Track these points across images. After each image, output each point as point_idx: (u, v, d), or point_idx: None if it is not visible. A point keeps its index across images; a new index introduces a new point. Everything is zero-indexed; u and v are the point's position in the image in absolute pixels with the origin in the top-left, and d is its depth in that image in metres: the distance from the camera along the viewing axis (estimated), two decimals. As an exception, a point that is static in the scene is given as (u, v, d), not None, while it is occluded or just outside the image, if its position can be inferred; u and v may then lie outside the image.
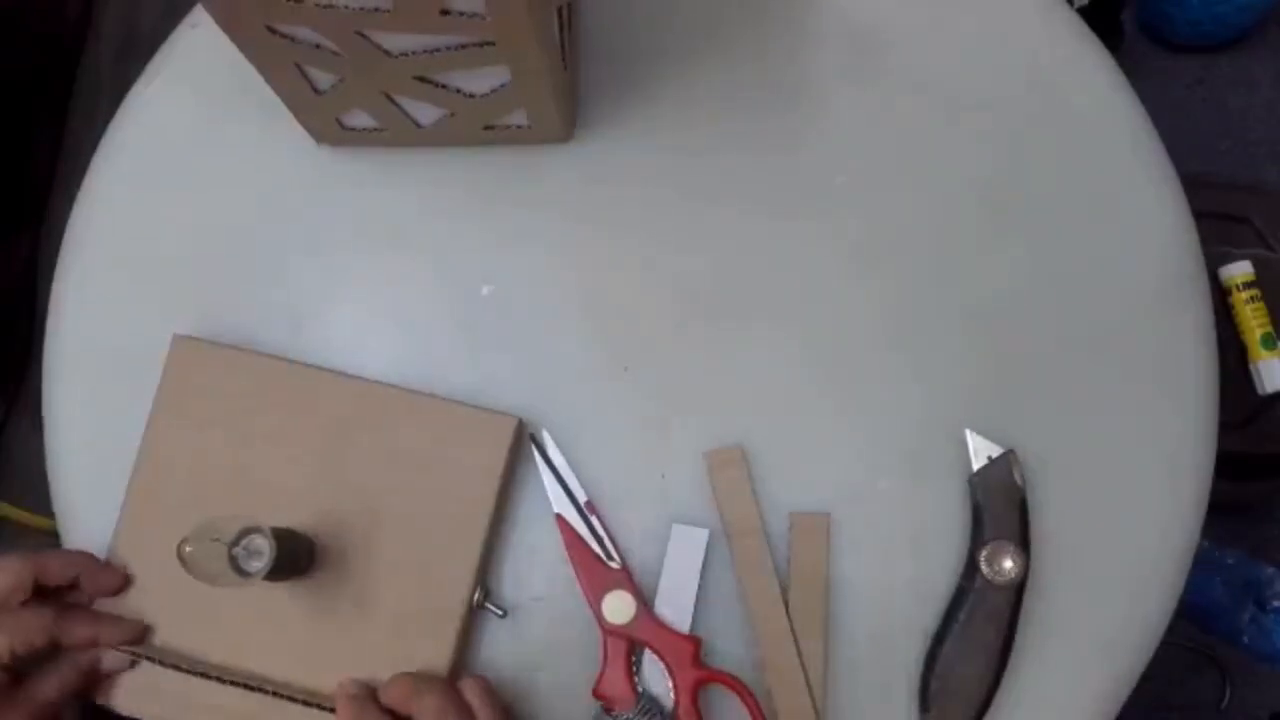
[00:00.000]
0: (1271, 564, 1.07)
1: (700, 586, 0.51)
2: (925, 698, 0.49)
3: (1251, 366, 0.92)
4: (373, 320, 0.57)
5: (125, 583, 0.51)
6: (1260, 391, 0.92)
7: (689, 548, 0.51)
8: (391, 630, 0.50)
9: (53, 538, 0.58)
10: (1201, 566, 1.04)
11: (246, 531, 0.45)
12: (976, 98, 0.58)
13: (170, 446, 0.53)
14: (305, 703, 0.49)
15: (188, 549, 0.44)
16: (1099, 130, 0.57)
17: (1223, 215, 0.95)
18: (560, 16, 0.51)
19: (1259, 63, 1.26)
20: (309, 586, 0.51)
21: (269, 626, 0.51)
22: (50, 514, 0.57)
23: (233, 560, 0.45)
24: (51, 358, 0.59)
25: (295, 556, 0.49)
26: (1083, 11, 0.65)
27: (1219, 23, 1.20)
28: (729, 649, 0.51)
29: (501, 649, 0.52)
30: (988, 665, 0.49)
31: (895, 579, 0.52)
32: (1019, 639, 0.50)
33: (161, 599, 0.52)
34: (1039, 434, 0.53)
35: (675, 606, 0.51)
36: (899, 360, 0.54)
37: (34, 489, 0.64)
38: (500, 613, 0.52)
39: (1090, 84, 0.58)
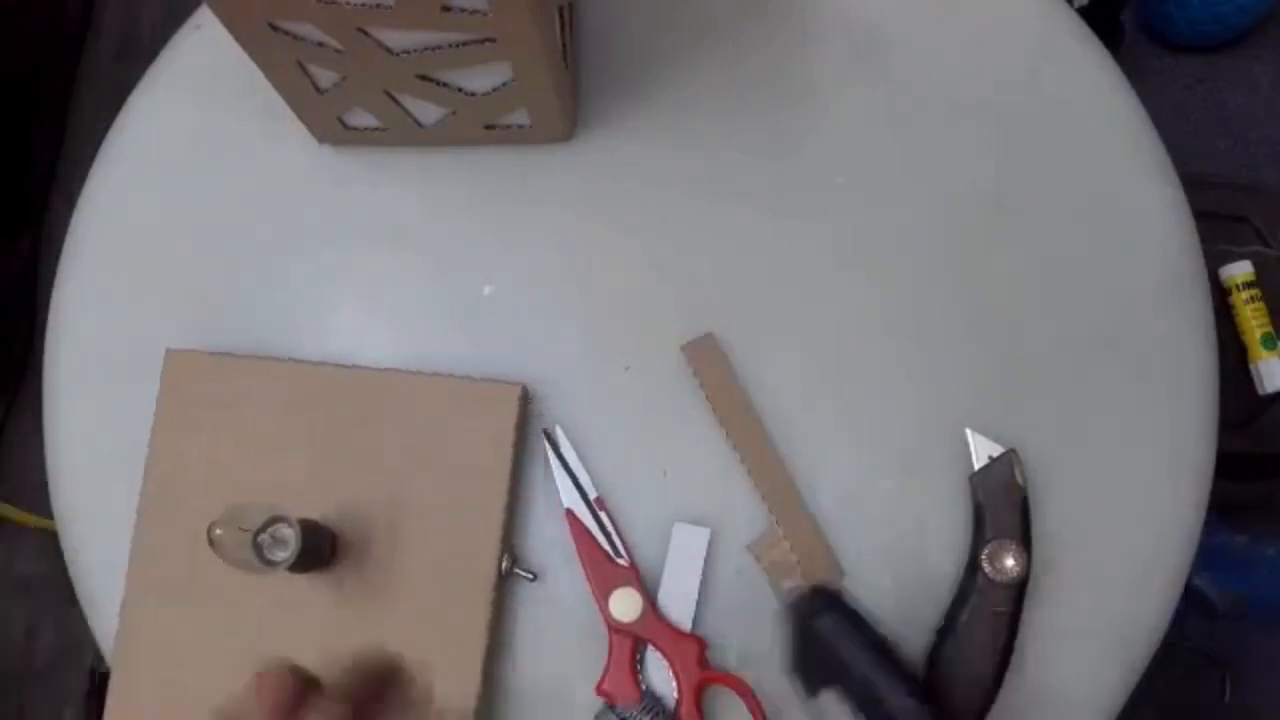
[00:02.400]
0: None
1: (702, 585, 0.51)
2: (927, 696, 0.49)
3: (1251, 366, 0.92)
4: (374, 320, 0.57)
5: None
6: (1260, 391, 0.92)
7: (691, 547, 0.51)
8: (425, 611, 0.50)
9: (53, 538, 0.58)
10: (1247, 565, 1.04)
11: (273, 521, 0.45)
12: (977, 97, 0.58)
13: (177, 458, 0.53)
14: None
15: (217, 532, 0.44)
16: (1099, 130, 0.57)
17: (1223, 215, 0.94)
18: (561, 16, 0.51)
19: (1259, 63, 1.26)
20: (334, 578, 0.51)
21: (299, 623, 0.51)
22: (50, 514, 0.57)
23: (257, 548, 0.45)
24: (51, 358, 0.59)
25: (319, 548, 0.49)
26: (1083, 11, 0.65)
27: (1219, 23, 1.20)
28: (732, 648, 0.51)
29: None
30: (990, 664, 0.49)
31: (896, 578, 0.52)
32: (1020, 638, 0.50)
33: (184, 611, 0.51)
34: (1040, 434, 0.53)
35: (677, 605, 0.51)
36: (900, 359, 0.54)
37: (34, 489, 0.64)
38: (531, 576, 0.52)
39: (1090, 84, 0.58)
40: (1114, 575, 0.52)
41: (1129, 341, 0.55)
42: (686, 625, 0.51)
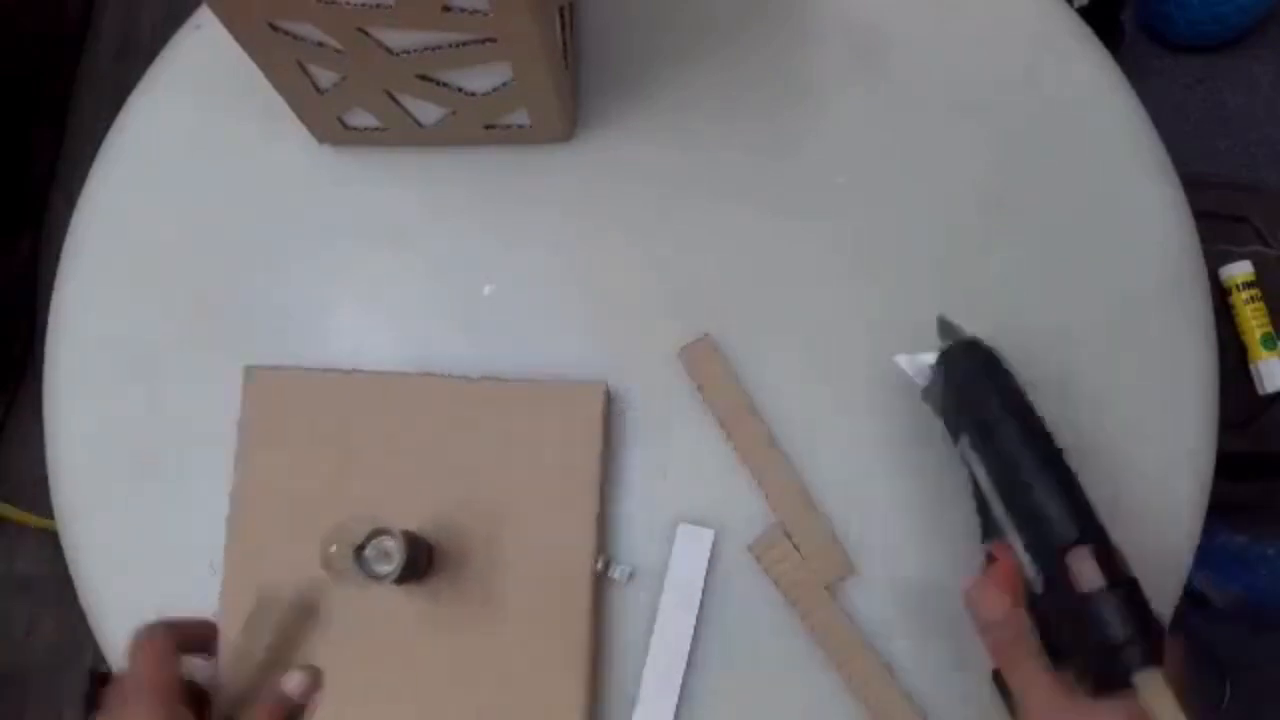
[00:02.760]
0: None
1: (707, 585, 0.51)
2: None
3: (1251, 366, 0.92)
4: (374, 320, 0.57)
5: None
6: (1260, 391, 0.92)
7: (695, 547, 0.51)
8: (524, 617, 0.50)
9: (53, 537, 0.58)
10: (1247, 565, 1.04)
11: (376, 533, 0.45)
12: (976, 97, 0.58)
13: (265, 479, 0.52)
14: None
15: (332, 549, 0.44)
16: (1099, 130, 0.57)
17: (1223, 215, 0.94)
18: (561, 15, 0.51)
19: (1259, 63, 1.26)
20: (430, 590, 0.50)
21: (397, 638, 0.50)
22: (50, 514, 0.57)
23: (362, 562, 0.45)
24: (51, 358, 0.59)
25: (418, 560, 0.48)
26: (1083, 11, 0.65)
27: (1219, 23, 1.20)
28: (736, 649, 0.51)
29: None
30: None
31: (901, 577, 0.52)
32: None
33: (282, 631, 0.51)
34: (1040, 433, 0.53)
35: (681, 607, 0.51)
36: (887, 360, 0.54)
37: (34, 489, 0.64)
38: (626, 575, 0.51)
39: (1090, 84, 0.58)
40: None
41: (1129, 341, 0.55)
42: (690, 625, 0.51)
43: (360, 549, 0.45)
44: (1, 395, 1.27)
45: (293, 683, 0.48)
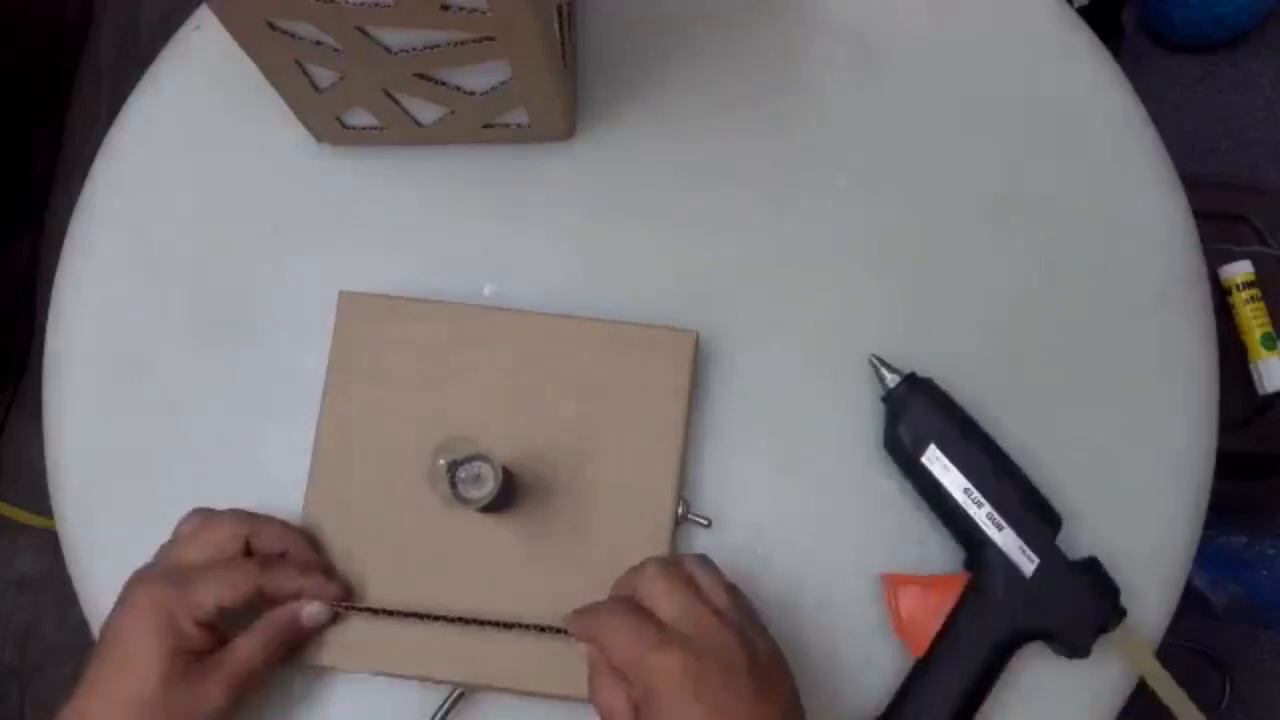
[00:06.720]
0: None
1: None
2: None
3: (1251, 366, 0.92)
4: (373, 319, 0.57)
5: (339, 595, 0.49)
6: (1260, 391, 0.92)
7: None
8: (601, 556, 0.50)
9: (53, 537, 0.58)
10: (1247, 565, 1.05)
11: (474, 458, 0.45)
12: (977, 97, 0.58)
13: (351, 403, 0.52)
14: (524, 626, 0.48)
15: (440, 462, 0.44)
16: (1099, 130, 0.57)
17: (1223, 215, 0.95)
18: (560, 14, 0.51)
19: (1259, 63, 1.26)
20: (513, 523, 0.50)
21: (477, 568, 0.50)
22: (50, 513, 0.57)
23: (454, 483, 0.44)
24: (51, 358, 0.59)
25: (507, 490, 0.48)
26: (1083, 11, 0.65)
27: (1219, 23, 1.20)
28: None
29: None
30: None
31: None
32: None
33: (360, 555, 0.51)
34: (1039, 433, 0.53)
35: None
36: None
37: (34, 489, 0.64)
38: (705, 522, 0.51)
39: (1090, 84, 0.58)
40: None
41: (1129, 341, 0.55)
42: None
43: (454, 470, 0.44)
44: (1, 395, 1.27)
45: (308, 611, 0.48)
